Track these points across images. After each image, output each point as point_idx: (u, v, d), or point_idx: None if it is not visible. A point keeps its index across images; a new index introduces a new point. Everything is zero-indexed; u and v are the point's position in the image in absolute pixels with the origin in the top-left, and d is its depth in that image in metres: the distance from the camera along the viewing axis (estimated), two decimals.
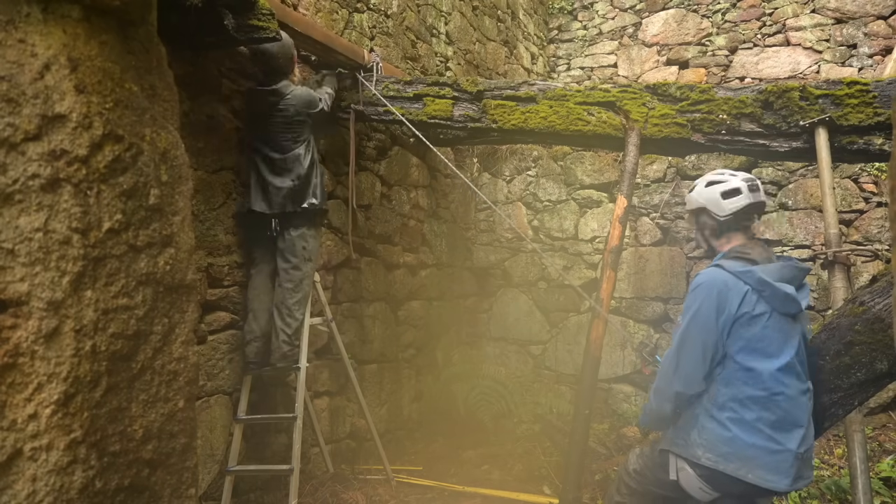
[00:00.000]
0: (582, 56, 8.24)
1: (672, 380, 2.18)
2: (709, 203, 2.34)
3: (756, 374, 2.09)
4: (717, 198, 2.31)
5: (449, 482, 4.05)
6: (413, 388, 5.14)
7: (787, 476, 2.06)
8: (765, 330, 2.12)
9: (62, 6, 1.52)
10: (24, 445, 1.38)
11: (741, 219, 2.31)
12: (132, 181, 1.64)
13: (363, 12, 4.56)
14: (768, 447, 2.07)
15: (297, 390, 3.40)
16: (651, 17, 7.86)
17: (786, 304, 2.14)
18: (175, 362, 1.75)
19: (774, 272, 2.16)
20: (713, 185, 2.35)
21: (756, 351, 2.11)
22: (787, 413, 2.09)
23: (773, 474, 2.06)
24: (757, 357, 2.11)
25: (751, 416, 2.09)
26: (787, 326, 2.15)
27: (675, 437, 2.24)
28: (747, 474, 2.06)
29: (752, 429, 2.08)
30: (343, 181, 4.26)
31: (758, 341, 2.11)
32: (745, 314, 2.11)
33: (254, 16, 2.91)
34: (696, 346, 2.15)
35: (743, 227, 2.33)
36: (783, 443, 2.07)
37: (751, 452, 2.07)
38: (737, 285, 2.13)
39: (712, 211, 2.33)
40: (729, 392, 2.12)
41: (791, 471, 2.07)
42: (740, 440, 2.08)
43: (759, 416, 2.08)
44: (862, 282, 4.75)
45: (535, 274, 6.02)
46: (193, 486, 1.80)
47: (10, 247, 1.38)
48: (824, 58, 6.96)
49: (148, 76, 1.76)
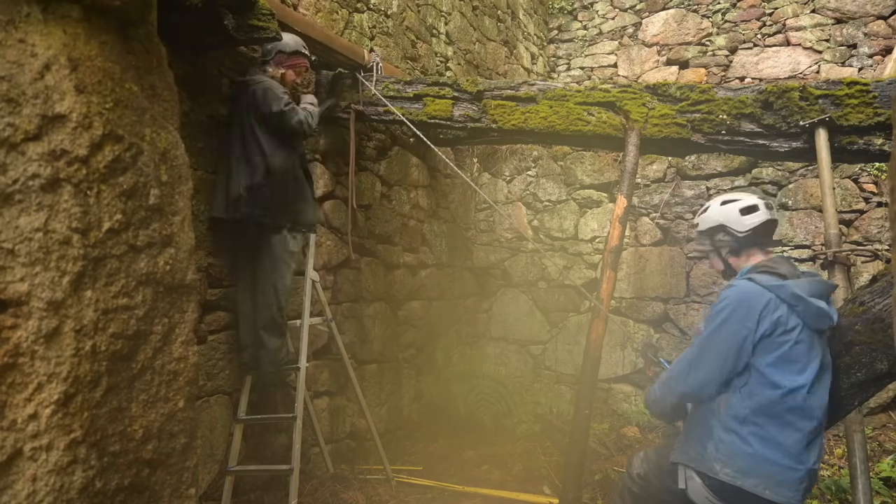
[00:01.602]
0: (582, 56, 8.24)
1: (683, 381, 2.17)
2: (728, 220, 2.33)
3: (783, 389, 2.07)
4: (737, 214, 2.31)
5: (449, 482, 4.05)
6: (413, 388, 5.14)
7: (799, 491, 2.06)
8: (795, 345, 2.09)
9: (62, 6, 1.52)
10: (24, 445, 1.38)
11: (760, 235, 2.31)
12: (132, 181, 1.64)
13: (363, 12, 4.56)
14: (789, 465, 2.05)
15: (297, 390, 3.40)
16: (651, 17, 7.86)
17: (818, 319, 2.12)
18: (175, 362, 1.75)
19: (806, 287, 2.14)
20: (730, 203, 2.35)
21: (785, 366, 2.08)
22: (808, 429, 2.07)
23: (790, 491, 2.04)
24: (785, 372, 2.08)
25: (774, 431, 2.06)
26: (816, 342, 2.14)
27: (688, 450, 2.22)
28: (765, 490, 2.03)
29: (774, 444, 2.06)
30: (343, 181, 4.26)
31: (787, 356, 2.09)
32: (777, 329, 2.09)
33: (254, 16, 2.91)
34: (718, 354, 2.12)
35: (761, 244, 2.33)
36: (803, 460, 2.06)
37: (771, 469, 2.05)
38: (770, 299, 2.11)
39: (731, 228, 2.32)
40: (752, 405, 2.09)
41: (802, 486, 2.06)
42: (761, 456, 2.05)
43: (782, 431, 2.06)
44: (862, 282, 4.75)
45: (535, 274, 6.02)
46: (193, 486, 1.80)
47: (10, 247, 1.38)
48: (824, 58, 6.96)
49: (148, 76, 1.76)
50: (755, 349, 2.09)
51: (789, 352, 2.09)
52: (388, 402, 4.79)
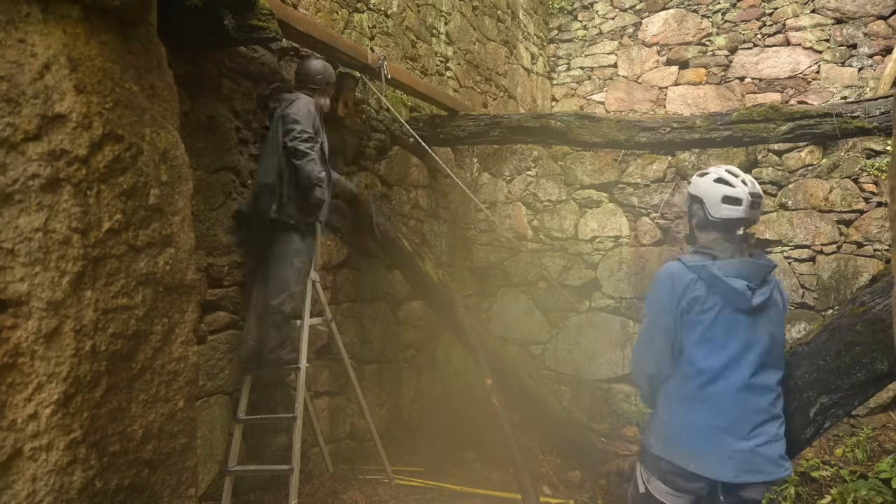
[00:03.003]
0: (582, 56, 8.24)
1: (644, 363, 2.28)
2: (707, 199, 2.33)
3: (700, 369, 2.15)
4: (718, 199, 2.30)
5: (449, 482, 4.05)
6: (413, 388, 5.14)
7: (728, 468, 2.10)
8: (714, 326, 2.16)
9: (62, 6, 1.52)
10: (24, 445, 1.38)
11: (729, 226, 2.30)
12: (132, 181, 1.64)
13: (363, 12, 4.56)
14: (710, 439, 2.12)
15: (297, 390, 3.40)
16: (651, 17, 7.85)
17: (736, 299, 2.16)
18: (175, 362, 1.75)
19: (730, 267, 2.19)
20: (720, 185, 2.32)
21: (703, 346, 2.16)
22: (729, 408, 2.13)
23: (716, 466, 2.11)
24: (703, 352, 2.16)
25: (696, 408, 2.15)
26: (743, 322, 2.17)
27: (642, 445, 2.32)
28: (689, 464, 2.12)
29: (694, 422, 2.14)
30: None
31: (706, 336, 2.16)
32: (695, 308, 2.17)
33: (253, 16, 2.91)
34: (660, 332, 2.22)
35: (728, 231, 2.32)
36: (723, 436, 2.11)
37: (694, 444, 2.13)
38: (691, 279, 2.19)
39: (707, 207, 2.33)
40: (675, 385, 2.20)
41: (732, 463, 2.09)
42: (684, 432, 2.15)
43: (702, 408, 2.14)
44: (862, 282, 4.75)
45: (535, 274, 6.02)
46: (193, 486, 1.80)
47: (10, 247, 1.38)
48: (824, 58, 6.96)
49: (148, 76, 1.76)
50: (682, 328, 2.18)
51: (708, 332, 2.16)
52: (388, 402, 4.79)
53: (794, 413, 2.28)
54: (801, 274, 5.10)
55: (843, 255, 4.99)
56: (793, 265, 5.12)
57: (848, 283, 4.91)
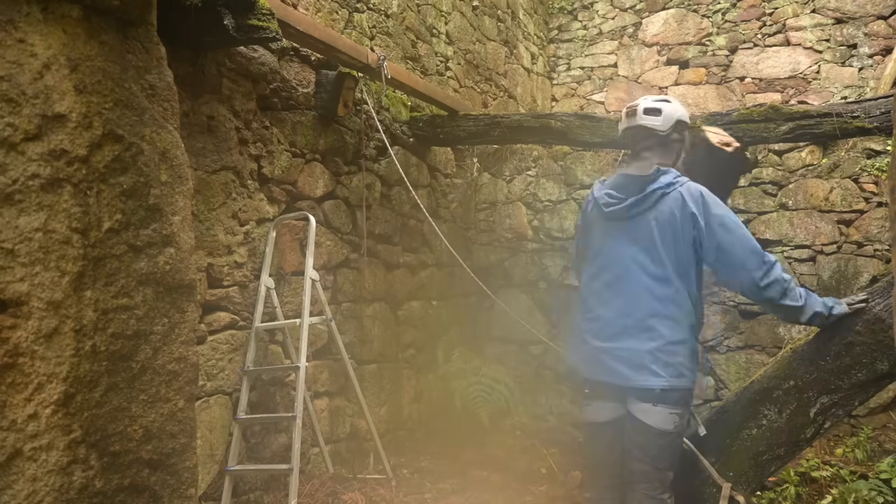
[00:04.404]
0: (582, 56, 8.24)
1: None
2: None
3: (585, 276, 2.40)
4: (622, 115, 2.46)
5: (449, 482, 4.05)
6: (413, 388, 5.14)
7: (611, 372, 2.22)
8: (593, 235, 2.40)
9: (62, 6, 1.52)
10: (24, 445, 1.38)
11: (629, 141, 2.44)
12: (132, 181, 1.64)
13: (363, 12, 4.56)
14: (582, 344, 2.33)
15: (296, 390, 3.39)
16: (651, 17, 7.85)
17: (605, 207, 2.33)
18: (175, 362, 1.75)
19: (609, 181, 2.40)
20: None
21: (590, 254, 2.40)
22: (603, 314, 2.28)
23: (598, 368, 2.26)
24: (589, 261, 2.40)
25: (585, 316, 2.36)
26: (619, 230, 2.30)
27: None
28: (584, 368, 2.33)
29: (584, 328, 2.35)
30: (343, 181, 4.26)
31: (591, 245, 2.40)
32: (587, 220, 2.43)
33: (253, 15, 2.91)
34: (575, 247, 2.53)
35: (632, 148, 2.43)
36: (589, 339, 2.31)
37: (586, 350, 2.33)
38: (589, 197, 2.46)
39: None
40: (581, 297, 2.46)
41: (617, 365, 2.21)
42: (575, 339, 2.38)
43: (587, 315, 2.35)
44: (862, 282, 4.75)
45: (536, 274, 6.02)
46: (193, 486, 1.80)
47: (10, 247, 1.38)
48: (824, 58, 6.96)
49: (148, 76, 1.76)
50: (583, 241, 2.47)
51: (591, 241, 2.40)
52: (387, 403, 4.78)
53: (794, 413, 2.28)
54: (801, 274, 5.10)
55: (844, 255, 4.99)
56: (793, 265, 5.12)
57: (848, 283, 4.90)
